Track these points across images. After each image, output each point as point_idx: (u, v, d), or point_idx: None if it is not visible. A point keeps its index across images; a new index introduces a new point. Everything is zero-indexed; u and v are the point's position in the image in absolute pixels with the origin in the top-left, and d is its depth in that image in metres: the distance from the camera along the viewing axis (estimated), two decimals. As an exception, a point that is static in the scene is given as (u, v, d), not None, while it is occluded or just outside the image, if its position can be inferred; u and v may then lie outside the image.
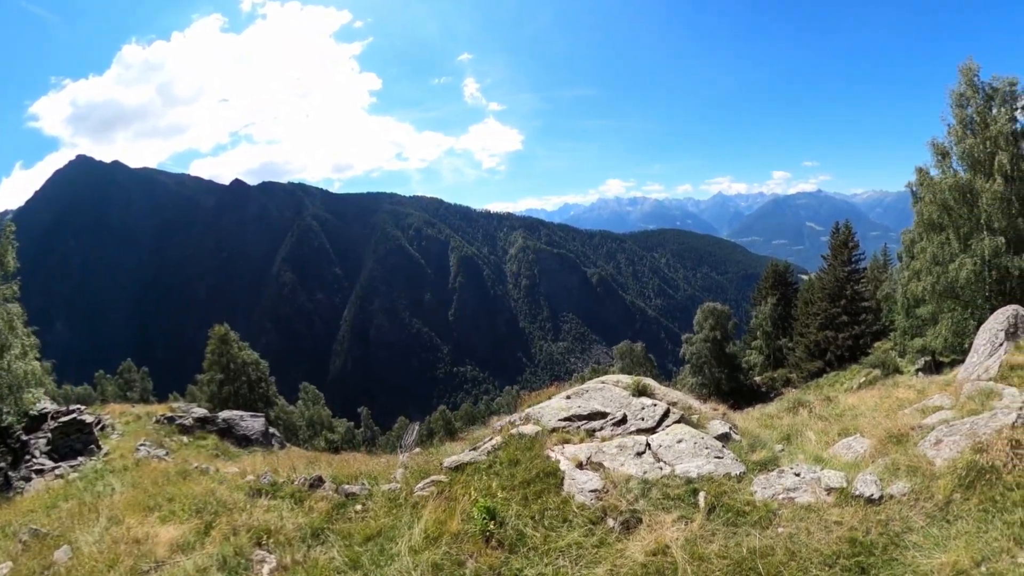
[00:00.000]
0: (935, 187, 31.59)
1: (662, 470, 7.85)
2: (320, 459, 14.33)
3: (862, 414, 13.92)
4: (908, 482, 7.26)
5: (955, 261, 30.31)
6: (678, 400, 10.70)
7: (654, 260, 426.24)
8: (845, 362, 46.46)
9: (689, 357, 55.94)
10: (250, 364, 49.58)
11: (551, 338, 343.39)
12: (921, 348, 35.45)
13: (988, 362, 14.57)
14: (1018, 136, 30.44)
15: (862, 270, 53.25)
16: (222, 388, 46.68)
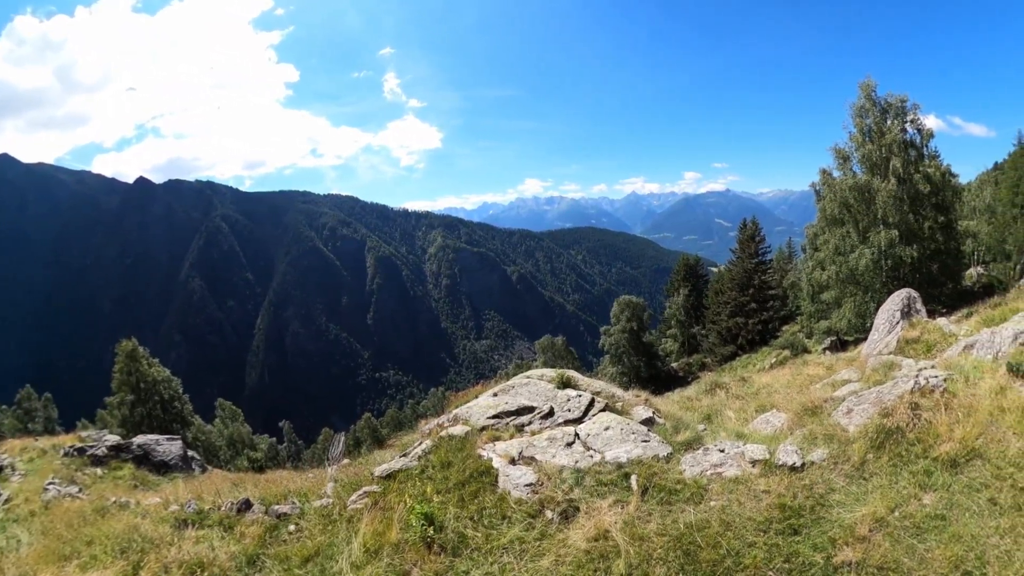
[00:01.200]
0: (837, 187, 35.66)
1: (593, 458, 8.02)
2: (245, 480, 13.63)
3: (776, 391, 14.78)
4: (826, 448, 8.00)
5: (855, 251, 34.21)
6: (601, 389, 10.89)
7: (571, 257, 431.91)
8: (756, 345, 49.93)
9: (608, 348, 57.69)
10: (161, 382, 45.88)
11: (474, 337, 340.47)
12: (827, 329, 38.47)
13: (888, 338, 16.08)
14: (908, 144, 34.94)
15: (768, 262, 57.77)
16: (134, 410, 43.05)
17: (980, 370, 9.74)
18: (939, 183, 34.68)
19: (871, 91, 35.88)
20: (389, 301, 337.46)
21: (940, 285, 35.26)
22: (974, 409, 8.13)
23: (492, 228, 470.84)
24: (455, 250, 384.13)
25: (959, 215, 40.44)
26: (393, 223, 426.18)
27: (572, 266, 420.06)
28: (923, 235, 34.38)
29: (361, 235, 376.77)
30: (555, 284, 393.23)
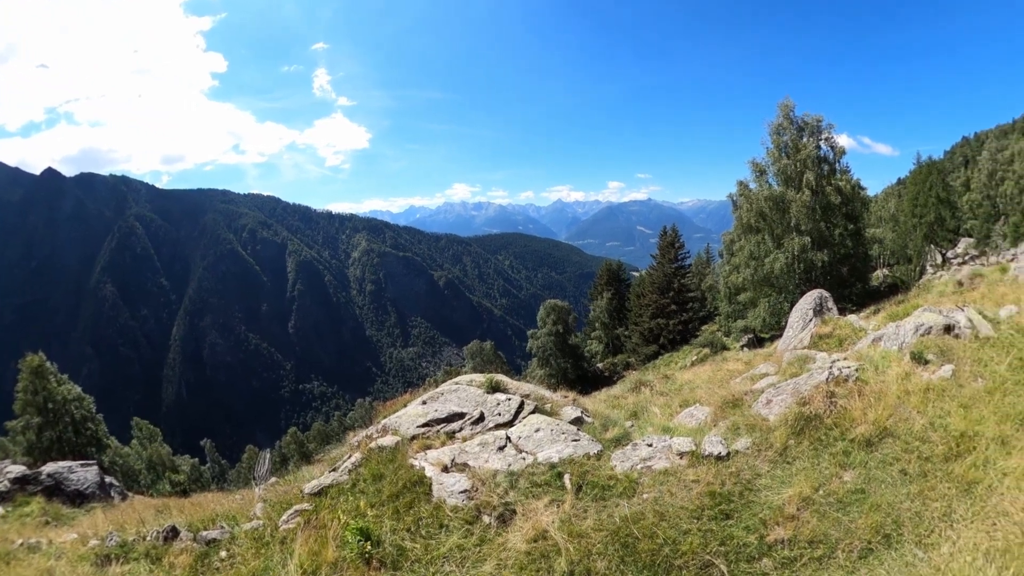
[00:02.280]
0: (753, 197, 38.32)
1: (525, 460, 8.10)
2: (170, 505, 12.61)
3: (698, 387, 15.35)
4: (749, 438, 8.47)
5: (770, 256, 36.73)
6: (530, 392, 10.98)
7: (498, 262, 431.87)
8: (677, 344, 51.98)
9: (536, 351, 58.39)
10: (72, 401, 40.78)
11: (400, 344, 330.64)
12: (744, 327, 40.68)
13: (801, 335, 16.99)
14: (822, 160, 38.05)
15: (687, 266, 60.74)
16: (42, 435, 38.05)
17: (887, 360, 10.74)
18: (849, 195, 37.83)
19: (790, 111, 38.88)
20: (311, 308, 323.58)
21: (850, 285, 38.40)
22: (884, 394, 9.05)
23: (419, 232, 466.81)
24: (380, 254, 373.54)
25: (867, 223, 44.13)
26: (316, 225, 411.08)
27: (500, 271, 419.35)
28: (834, 241, 37.36)
29: (282, 238, 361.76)
30: (483, 289, 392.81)
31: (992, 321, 12.69)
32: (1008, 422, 7.98)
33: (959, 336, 11.82)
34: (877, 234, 50.08)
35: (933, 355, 10.73)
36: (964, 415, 8.37)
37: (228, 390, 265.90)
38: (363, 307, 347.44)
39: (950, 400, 8.95)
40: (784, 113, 38.96)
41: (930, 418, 8.43)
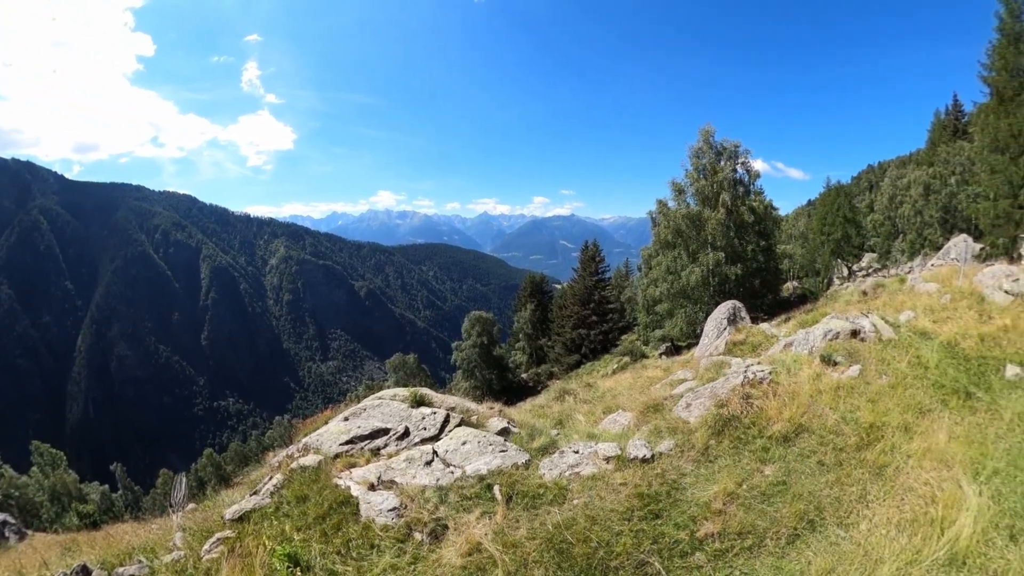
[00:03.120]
0: (672, 215, 40.31)
1: (454, 474, 8.02)
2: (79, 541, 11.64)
3: (620, 393, 15.76)
4: (671, 440, 8.81)
5: (686, 270, 38.59)
6: (456, 405, 10.91)
7: (423, 273, 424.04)
8: (599, 353, 52.94)
9: (460, 363, 58.21)
10: None
11: (320, 358, 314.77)
12: (662, 336, 42.20)
13: (717, 342, 17.88)
14: (738, 182, 40.25)
15: (608, 279, 62.11)
16: None
17: (799, 362, 11.59)
18: (762, 214, 40.56)
19: (710, 136, 41.05)
20: (226, 319, 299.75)
21: (762, 296, 40.59)
22: (797, 393, 9.74)
23: (340, 240, 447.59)
24: (299, 262, 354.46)
25: (778, 240, 47.01)
26: (233, 229, 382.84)
27: (423, 282, 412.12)
28: (746, 256, 39.44)
29: (197, 241, 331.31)
30: (406, 300, 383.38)
31: (893, 325, 13.82)
32: (910, 412, 9.11)
33: (864, 339, 12.87)
34: (788, 250, 53.95)
35: (841, 357, 11.68)
36: (872, 408, 9.26)
37: (138, 408, 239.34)
38: (280, 318, 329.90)
39: (859, 396, 9.85)
40: (705, 138, 41.07)
41: (841, 413, 9.19)
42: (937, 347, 12.14)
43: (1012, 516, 6.23)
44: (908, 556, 5.71)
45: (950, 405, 9.60)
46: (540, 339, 63.95)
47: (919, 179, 54.79)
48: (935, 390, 10.21)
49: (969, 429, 8.61)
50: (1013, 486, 6.91)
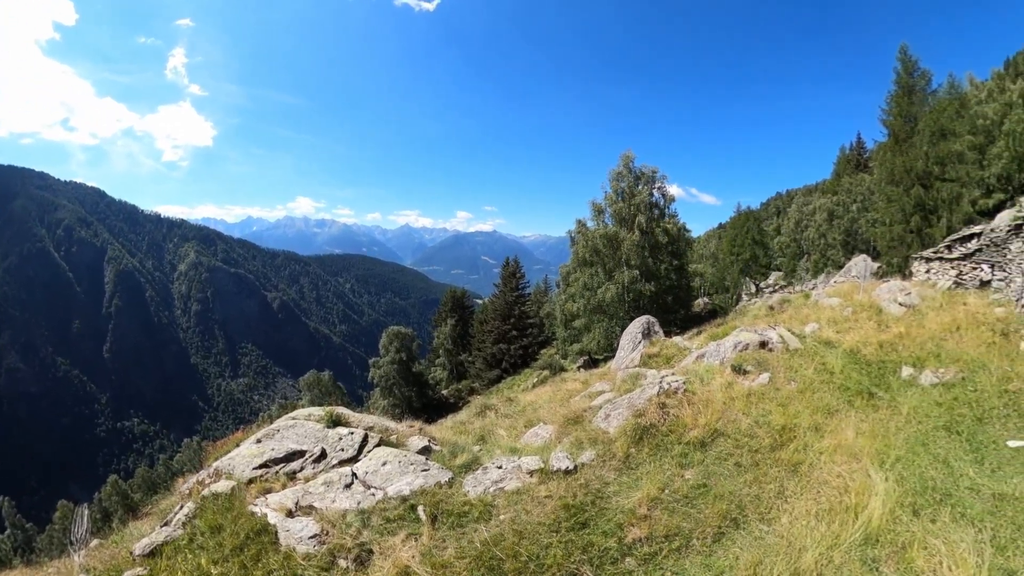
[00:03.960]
0: (590, 234, 42.11)
1: (376, 496, 7.81)
2: None
3: (541, 407, 15.87)
4: (593, 450, 8.99)
5: (603, 287, 40.24)
6: (374, 424, 10.67)
7: (339, 285, 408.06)
8: (519, 368, 53.50)
9: (378, 380, 56.73)
10: None
11: (230, 375, 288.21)
12: (580, 350, 43.52)
13: (632, 355, 18.39)
14: (654, 205, 42.62)
15: (528, 295, 62.83)
16: None
17: (711, 372, 12.15)
18: (675, 236, 42.79)
19: (630, 161, 43.27)
20: (131, 328, 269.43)
21: (674, 312, 42.69)
22: (711, 401, 10.20)
23: (254, 247, 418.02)
24: (210, 269, 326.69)
25: (690, 260, 49.39)
26: (142, 229, 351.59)
27: (340, 295, 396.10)
28: (660, 274, 41.53)
29: (103, 240, 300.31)
30: (321, 314, 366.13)
31: (799, 336, 14.89)
32: (819, 413, 10.00)
33: (772, 349, 13.72)
34: (699, 269, 57.45)
35: (751, 366, 12.36)
36: (783, 412, 9.93)
37: (32, 429, 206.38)
38: (188, 330, 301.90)
39: (769, 401, 10.53)
40: (625, 163, 43.25)
41: (754, 417, 9.74)
42: (841, 354, 13.34)
43: (913, 495, 7.26)
44: (828, 541, 6.25)
45: (855, 405, 10.70)
46: (461, 354, 63.89)
47: (824, 206, 59.34)
48: (841, 392, 11.23)
49: (873, 425, 9.66)
50: (912, 470, 8.05)
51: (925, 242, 28.64)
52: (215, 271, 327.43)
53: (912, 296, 17.98)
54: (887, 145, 34.10)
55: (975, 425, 9.65)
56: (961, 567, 5.56)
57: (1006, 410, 10.03)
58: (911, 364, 12.80)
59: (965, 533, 6.22)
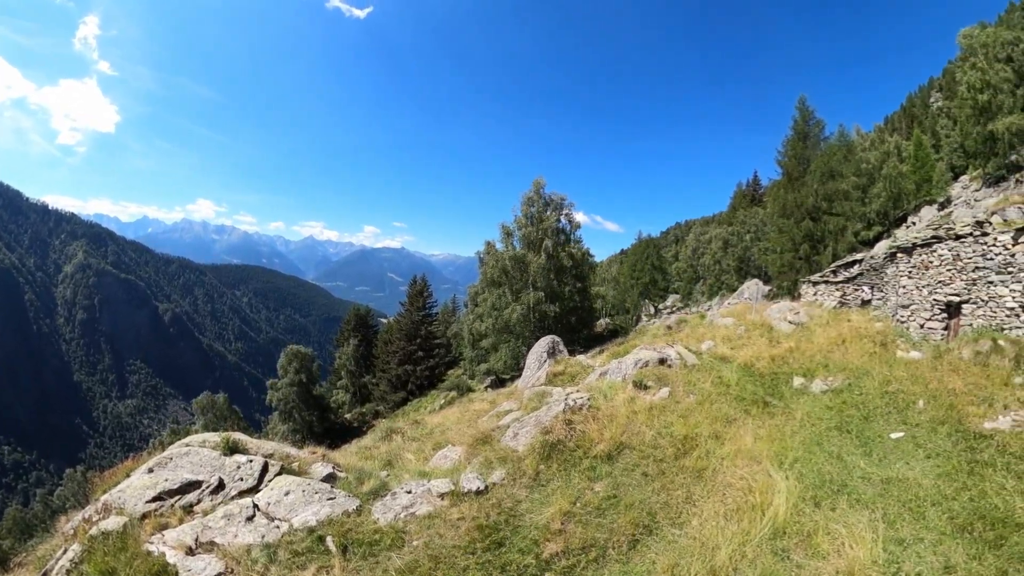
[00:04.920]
0: (499, 256, 43.40)
1: (280, 528, 7.48)
2: None
3: (449, 428, 15.84)
4: (503, 469, 9.14)
5: (509, 307, 41.41)
6: (274, 451, 10.25)
7: (236, 299, 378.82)
8: (425, 389, 52.74)
9: (277, 404, 54.07)
10: None
11: (117, 395, 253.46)
12: (487, 370, 44.18)
13: (538, 374, 18.75)
14: (560, 230, 44.60)
15: (435, 315, 62.38)
16: None
17: (614, 388, 12.63)
18: (579, 260, 45.01)
19: (541, 187, 45.16)
20: (4, 337, 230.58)
21: (578, 331, 44.18)
22: (615, 416, 10.63)
23: (148, 251, 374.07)
24: (99, 273, 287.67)
25: (593, 283, 52.21)
26: (25, 220, 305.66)
27: (236, 309, 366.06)
28: (564, 296, 43.26)
29: None
30: (216, 329, 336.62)
31: (696, 353, 15.81)
32: (718, 422, 10.81)
33: (671, 366, 14.42)
34: (601, 291, 61.13)
35: (652, 381, 12.92)
36: (684, 423, 10.54)
37: None
38: (72, 341, 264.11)
39: (671, 413, 11.13)
40: (536, 188, 45.14)
41: (657, 429, 10.25)
42: (736, 368, 14.43)
43: (813, 489, 8.20)
44: (740, 538, 6.74)
45: (752, 413, 11.63)
46: (364, 376, 62.13)
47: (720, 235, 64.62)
48: (737, 403, 12.15)
49: (770, 430, 10.58)
50: (810, 468, 9.05)
51: (813, 268, 31.61)
52: (104, 275, 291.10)
53: (801, 315, 19.62)
54: (781, 183, 37.46)
55: (862, 423, 11.09)
56: (860, 543, 6.44)
57: (888, 408, 11.63)
58: (802, 374, 14.16)
59: (861, 515, 7.22)
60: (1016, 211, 16.24)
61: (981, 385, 11.73)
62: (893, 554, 6.52)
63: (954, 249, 15.90)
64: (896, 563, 6.37)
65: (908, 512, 7.49)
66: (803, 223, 34.04)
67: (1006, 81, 35.10)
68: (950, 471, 8.67)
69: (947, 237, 16.19)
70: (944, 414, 10.84)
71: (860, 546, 6.40)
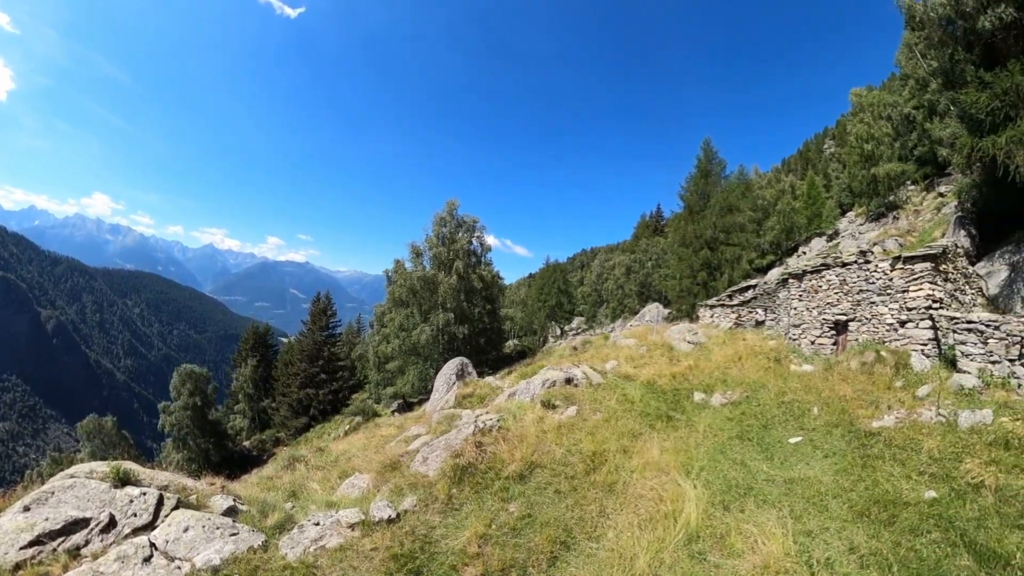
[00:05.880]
0: (408, 275, 43.08)
1: (182, 569, 6.97)
2: None
3: (355, 455, 15.49)
4: (414, 496, 9.01)
5: (418, 328, 41.11)
6: (169, 482, 9.33)
7: (127, 309, 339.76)
8: (329, 415, 50.61)
9: (170, 429, 49.85)
10: None
11: None
12: (393, 393, 43.39)
13: (447, 396, 18.74)
14: (471, 252, 44.98)
15: (339, 334, 59.82)
16: None
17: (523, 409, 12.88)
18: (489, 282, 45.48)
19: (454, 208, 45.69)
20: None
21: (486, 353, 44.46)
22: (525, 435, 10.86)
23: (33, 247, 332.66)
24: None
25: (502, 304, 52.33)
26: None
27: (127, 321, 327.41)
28: (474, 318, 43.50)
29: None
30: (104, 343, 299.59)
31: (601, 372, 16.50)
32: (625, 437, 11.41)
33: (577, 385, 14.86)
34: (510, 313, 62.19)
35: (560, 401, 13.25)
36: (592, 439, 10.96)
37: None
38: None
39: (579, 431, 11.51)
40: (450, 209, 45.55)
41: (567, 447, 10.55)
42: (640, 386, 15.27)
43: (721, 494, 8.86)
44: (656, 546, 7.14)
45: (656, 428, 12.37)
46: (263, 400, 58.77)
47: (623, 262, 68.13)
48: (642, 418, 12.84)
49: (675, 442, 11.34)
50: (716, 475, 9.79)
51: (709, 293, 34.25)
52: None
53: (699, 335, 20.95)
54: (683, 215, 40.29)
55: (762, 431, 12.20)
56: (772, 539, 7.07)
57: (784, 416, 12.86)
58: (702, 390, 15.34)
59: (769, 514, 7.97)
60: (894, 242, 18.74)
61: (868, 390, 13.16)
62: (803, 544, 7.24)
63: (841, 275, 18.02)
64: (807, 552, 7.06)
65: (812, 506, 8.37)
66: (701, 252, 36.73)
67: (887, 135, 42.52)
68: (846, 467, 9.73)
69: (835, 264, 18.34)
70: (837, 418, 12.09)
71: (772, 541, 7.02)
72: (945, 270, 15.73)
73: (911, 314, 15.38)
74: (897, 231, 29.26)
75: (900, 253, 16.30)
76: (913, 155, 43.12)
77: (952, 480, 8.44)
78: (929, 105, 39.66)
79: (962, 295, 16.33)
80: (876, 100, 46.23)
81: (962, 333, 12.96)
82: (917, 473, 8.93)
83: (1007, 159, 13.86)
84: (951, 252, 16.21)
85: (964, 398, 11.28)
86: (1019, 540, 6.68)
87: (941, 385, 12.12)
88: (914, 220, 33.38)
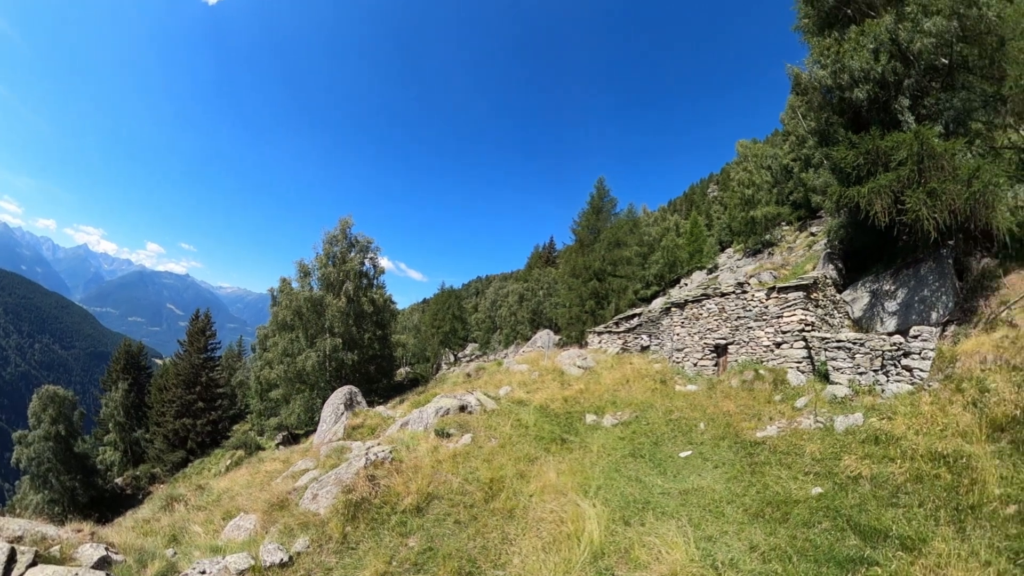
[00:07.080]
0: (295, 296, 40.86)
1: None
2: None
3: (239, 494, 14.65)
4: (306, 536, 8.65)
5: (303, 354, 39.12)
6: (24, 532, 7.86)
7: None
8: (208, 448, 47.01)
9: (27, 464, 42.69)
10: None
11: None
12: (278, 425, 40.85)
13: (335, 427, 18.27)
14: (363, 274, 43.68)
15: (218, 358, 55.27)
16: None
17: (416, 439, 12.85)
18: (381, 306, 44.22)
19: (348, 227, 44.02)
20: None
21: (377, 381, 43.01)
22: (420, 467, 10.81)
23: None
24: None
25: (394, 330, 50.59)
26: None
27: None
28: (364, 343, 42.06)
29: None
30: None
31: (495, 399, 16.74)
32: (521, 462, 11.71)
33: (472, 412, 15.01)
34: (403, 339, 59.86)
35: (454, 429, 13.29)
36: (489, 466, 11.15)
37: None
38: None
39: (475, 459, 11.63)
40: (342, 228, 43.85)
41: (463, 476, 10.62)
42: (533, 410, 15.73)
43: (621, 510, 9.27)
44: (563, 567, 7.29)
45: (551, 451, 12.82)
46: (136, 430, 52.98)
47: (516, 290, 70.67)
48: (537, 442, 13.24)
49: (571, 464, 11.80)
50: (613, 492, 10.22)
51: (597, 320, 35.53)
52: None
53: (588, 360, 21.91)
54: (574, 248, 41.79)
55: (653, 448, 13.00)
56: (674, 548, 7.50)
57: (673, 433, 13.76)
58: (593, 412, 16.11)
59: (669, 525, 8.47)
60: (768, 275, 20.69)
61: (750, 405, 14.34)
62: (705, 549, 7.75)
63: (720, 303, 19.71)
64: (710, 556, 7.55)
65: (709, 514, 8.99)
66: (590, 283, 38.35)
67: (766, 182, 49.68)
68: (736, 474, 10.57)
69: (715, 294, 20.03)
70: (723, 431, 13.14)
71: (675, 550, 7.45)
72: (816, 298, 17.68)
73: (786, 336, 17.05)
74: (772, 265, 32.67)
75: (775, 284, 18.13)
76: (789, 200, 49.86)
77: (834, 476, 9.47)
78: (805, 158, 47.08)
79: (831, 319, 18.32)
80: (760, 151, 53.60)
81: (833, 351, 14.59)
82: (803, 473, 9.95)
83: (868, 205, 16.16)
84: (821, 282, 18.20)
85: (838, 405, 12.66)
86: (893, 515, 7.68)
87: (817, 396, 13.49)
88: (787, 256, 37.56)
